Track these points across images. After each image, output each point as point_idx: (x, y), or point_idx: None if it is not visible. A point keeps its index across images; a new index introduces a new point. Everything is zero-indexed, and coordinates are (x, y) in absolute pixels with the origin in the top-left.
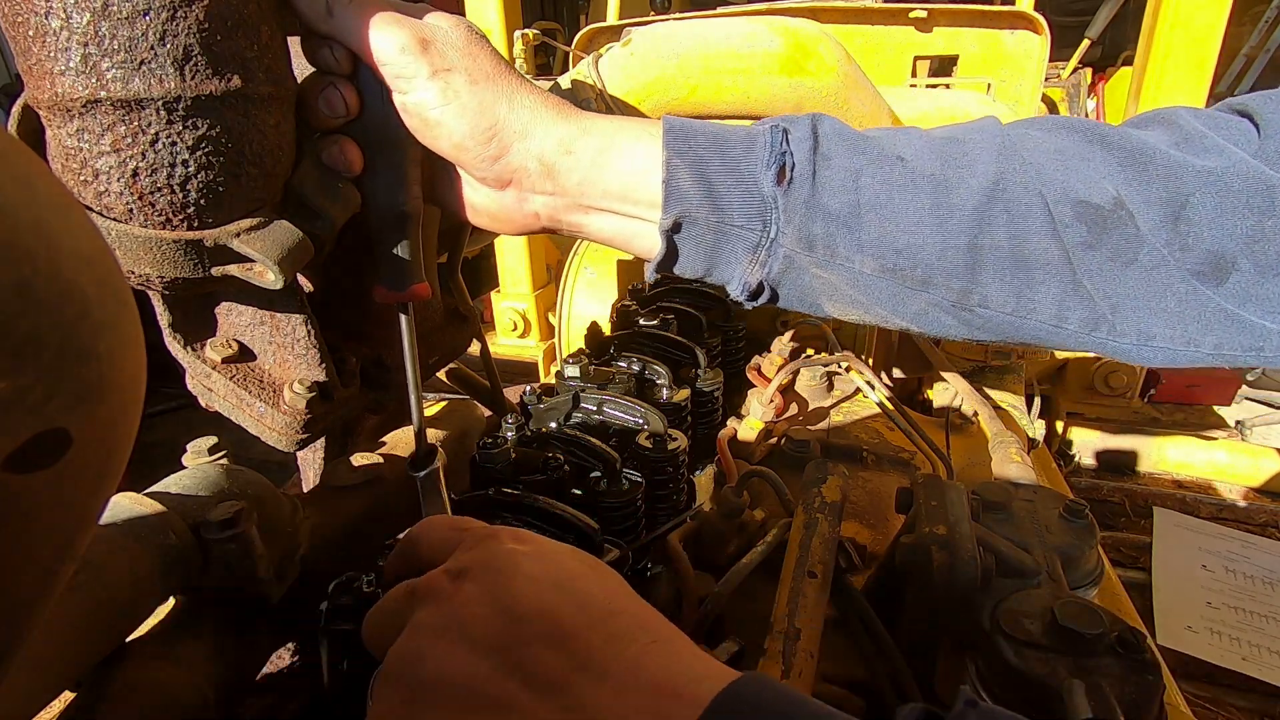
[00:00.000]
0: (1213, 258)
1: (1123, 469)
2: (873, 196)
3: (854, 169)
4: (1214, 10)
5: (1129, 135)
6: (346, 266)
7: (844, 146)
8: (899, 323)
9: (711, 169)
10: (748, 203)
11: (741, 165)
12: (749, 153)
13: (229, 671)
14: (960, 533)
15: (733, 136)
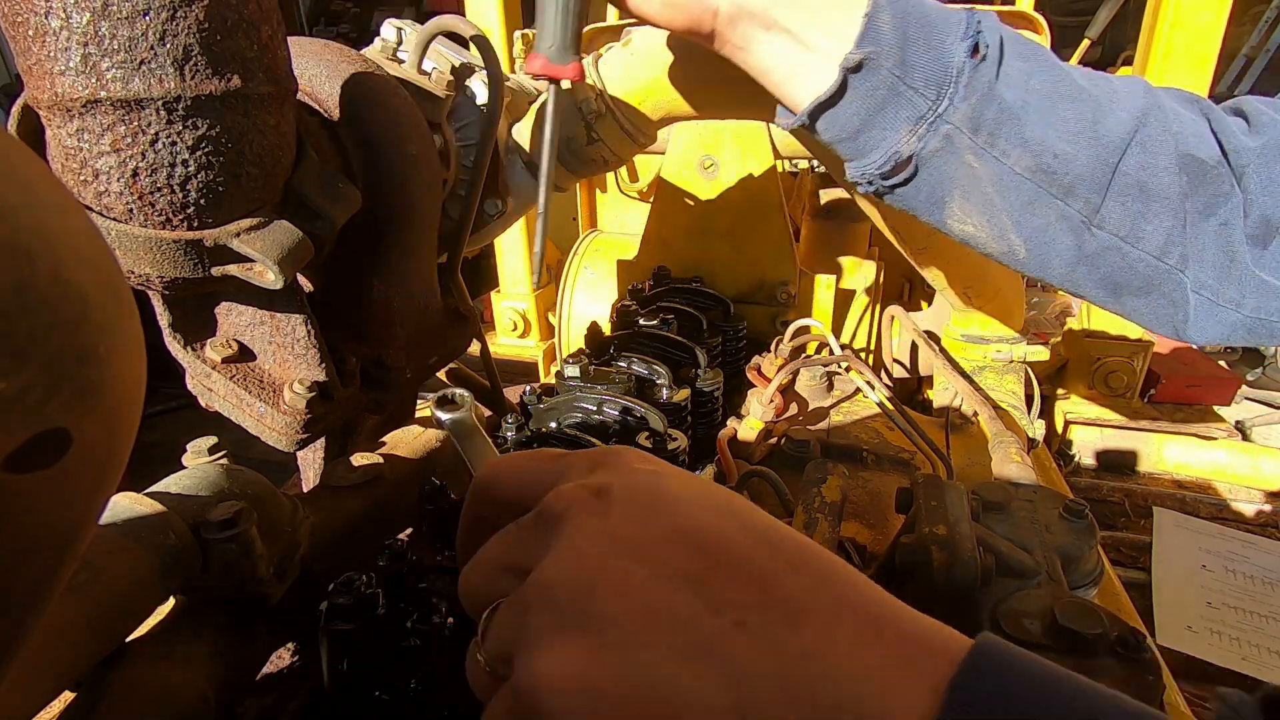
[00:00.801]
0: (1263, 222)
1: (1123, 469)
2: (1041, 99)
3: (1027, 69)
4: (1214, 10)
5: (1216, 110)
6: (346, 266)
7: (1019, 46)
8: (1013, 239)
9: (912, 22)
10: (932, 68)
11: (938, 29)
12: (945, 21)
13: (229, 671)
14: (960, 533)
15: (931, 2)
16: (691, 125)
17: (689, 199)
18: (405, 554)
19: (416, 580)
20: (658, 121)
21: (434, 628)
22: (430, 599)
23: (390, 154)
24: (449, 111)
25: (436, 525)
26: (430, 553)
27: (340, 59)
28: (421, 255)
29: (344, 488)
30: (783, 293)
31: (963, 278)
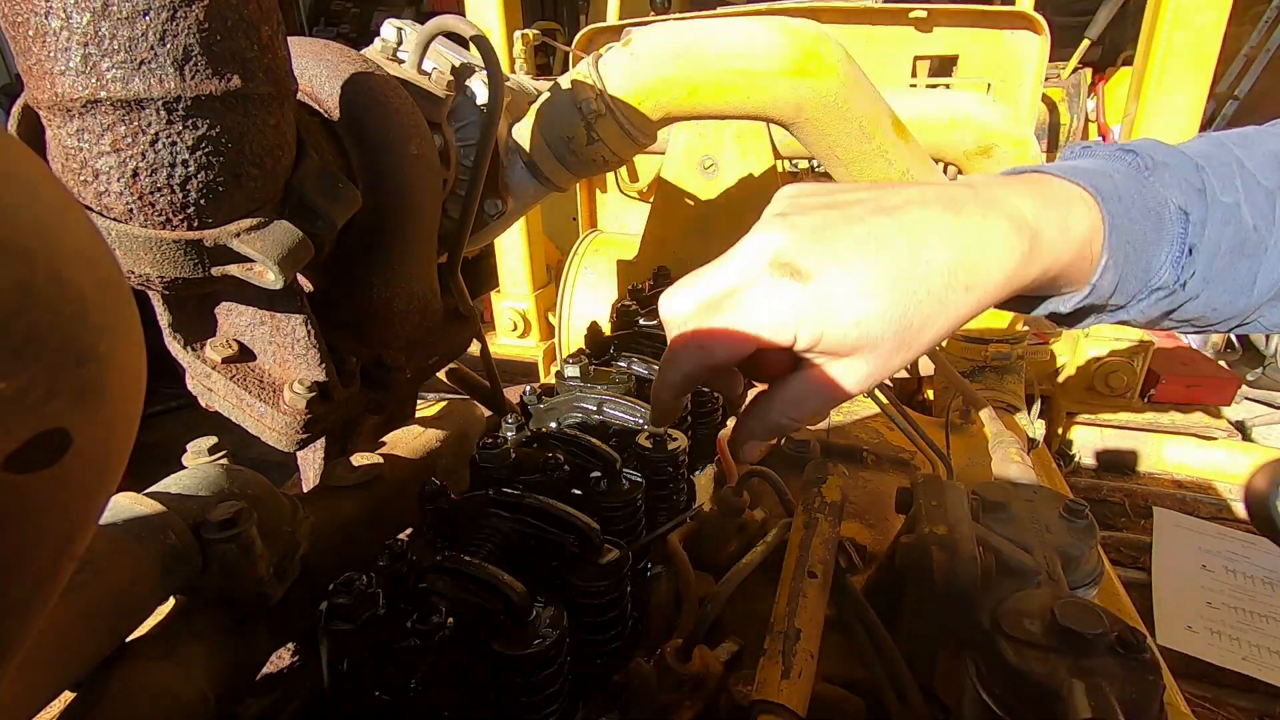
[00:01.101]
0: None
1: (1123, 469)
2: (1222, 267)
3: (1218, 238)
4: (1214, 10)
5: None
6: (346, 266)
7: (1221, 213)
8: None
9: (1130, 264)
10: (1137, 288)
11: (1147, 257)
12: (1159, 238)
13: (229, 671)
14: (960, 533)
15: (1149, 214)
16: (691, 125)
17: (689, 199)
18: (405, 554)
19: (416, 580)
20: (658, 121)
21: (434, 628)
22: (430, 599)
23: (390, 154)
24: (449, 111)
25: (436, 525)
26: (430, 553)
27: (340, 59)
28: (421, 255)
29: (344, 488)
30: None
31: None
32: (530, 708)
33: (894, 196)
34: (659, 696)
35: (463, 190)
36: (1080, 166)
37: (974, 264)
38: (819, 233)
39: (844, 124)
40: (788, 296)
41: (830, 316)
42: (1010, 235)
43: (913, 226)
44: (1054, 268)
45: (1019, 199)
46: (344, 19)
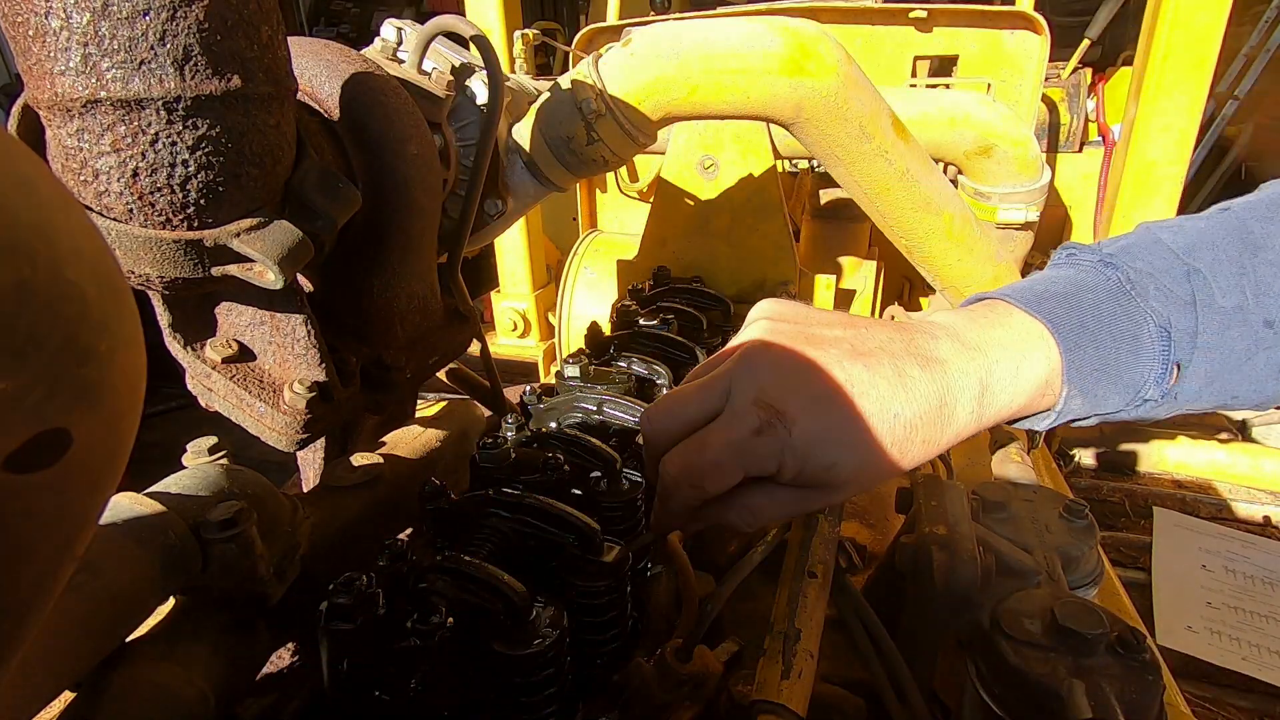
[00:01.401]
0: None
1: (1123, 469)
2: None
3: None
4: (1214, 10)
5: None
6: (346, 266)
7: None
8: None
9: (1101, 387)
10: (1121, 405)
11: (1126, 377)
12: (1135, 359)
13: (229, 671)
14: (960, 533)
15: (1120, 337)
16: (691, 125)
17: (689, 199)
18: (405, 554)
19: (416, 580)
20: (658, 121)
21: (434, 628)
22: (430, 599)
23: (390, 154)
24: (449, 111)
25: (436, 525)
26: (430, 553)
27: (340, 59)
28: (421, 255)
29: (344, 488)
30: (783, 292)
31: (954, 279)
32: (530, 708)
33: (868, 341)
34: (659, 696)
35: (463, 190)
36: (1051, 290)
37: (931, 423)
38: (800, 375)
39: (843, 124)
40: (774, 440)
41: (809, 460)
42: (964, 395)
43: (884, 380)
44: (1006, 411)
45: (972, 353)
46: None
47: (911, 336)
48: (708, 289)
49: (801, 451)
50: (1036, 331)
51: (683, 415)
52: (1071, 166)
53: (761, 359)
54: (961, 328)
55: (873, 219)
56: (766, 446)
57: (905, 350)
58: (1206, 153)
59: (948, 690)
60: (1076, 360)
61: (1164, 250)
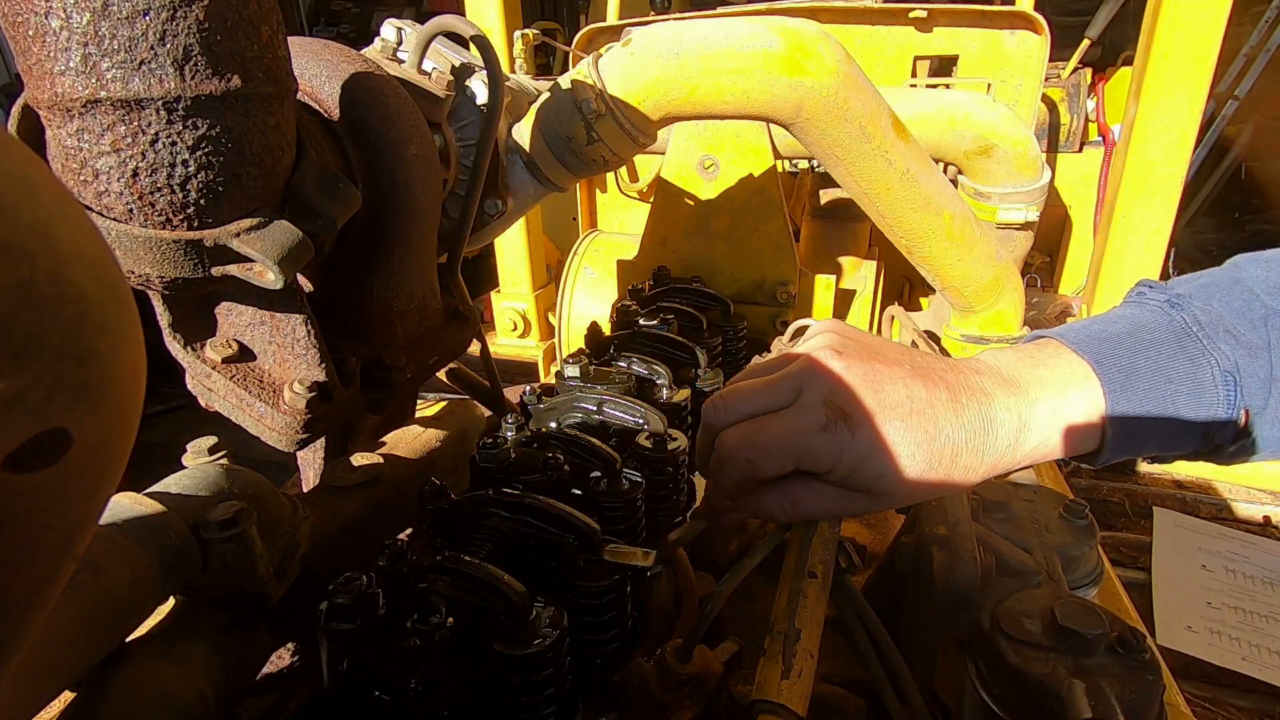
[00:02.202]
0: None
1: (1123, 469)
2: None
3: None
4: (1214, 10)
5: None
6: (346, 266)
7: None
8: None
9: (1158, 430)
10: (1190, 448)
11: (1186, 421)
12: (1195, 402)
13: (229, 671)
14: (960, 533)
15: (1177, 379)
16: (691, 125)
17: (689, 199)
18: (405, 554)
19: (416, 580)
20: (658, 121)
21: (434, 628)
22: (430, 599)
23: (390, 154)
24: (449, 111)
25: (436, 525)
26: (430, 553)
27: (340, 59)
28: (421, 255)
29: (344, 488)
30: (783, 293)
31: (954, 279)
32: (530, 708)
33: (926, 366)
34: (659, 696)
35: (463, 190)
36: (1108, 330)
37: (974, 450)
38: (869, 382)
39: (843, 124)
40: (836, 439)
41: (863, 464)
42: (1004, 429)
43: (940, 402)
44: (1044, 449)
45: (1014, 391)
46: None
47: (960, 368)
48: (708, 289)
49: (858, 456)
50: (1082, 372)
51: (750, 404)
52: (1071, 166)
53: (834, 365)
54: (1006, 366)
55: (873, 219)
56: (827, 444)
57: (957, 380)
58: (1206, 153)
59: (948, 690)
60: (1123, 403)
61: (1243, 290)
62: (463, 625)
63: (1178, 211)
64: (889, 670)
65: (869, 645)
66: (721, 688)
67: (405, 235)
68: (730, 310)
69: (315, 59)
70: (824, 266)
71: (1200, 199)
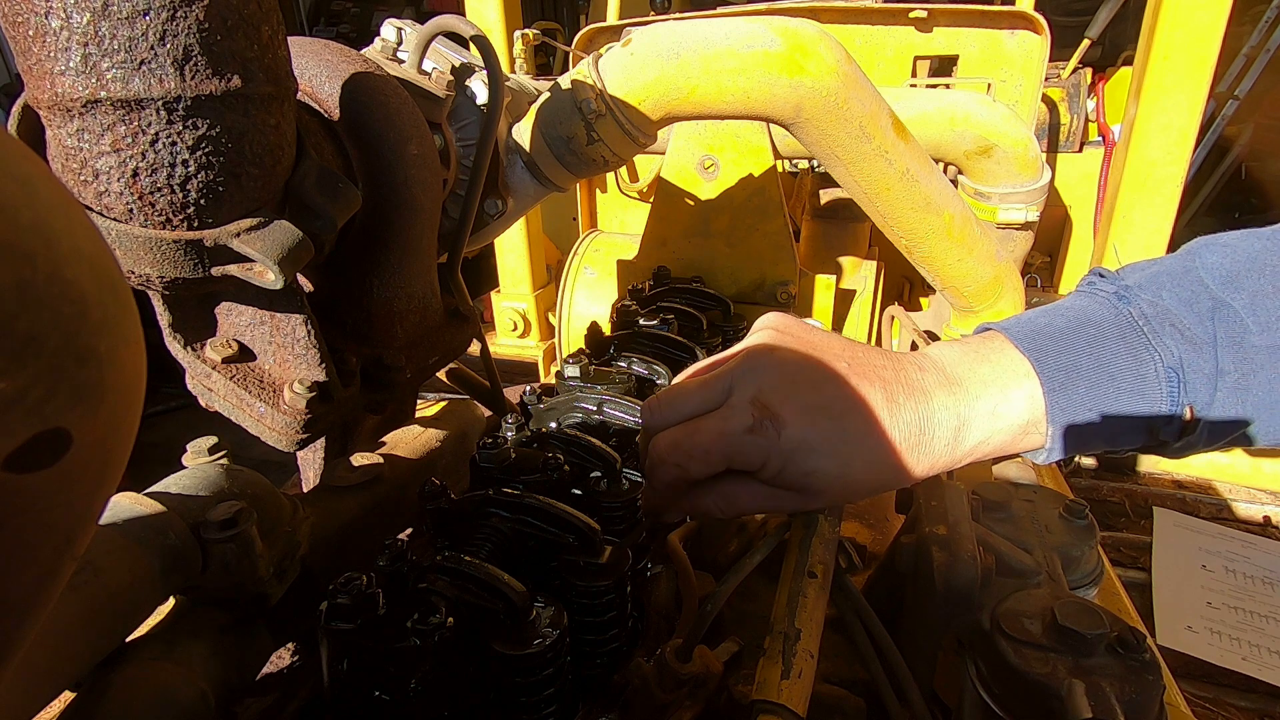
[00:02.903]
0: None
1: (1123, 469)
2: (1268, 405)
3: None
4: (1214, 10)
5: None
6: (346, 266)
7: (1236, 357)
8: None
9: (1099, 428)
10: (1138, 443)
11: (1129, 417)
12: (1138, 398)
13: (229, 671)
14: (960, 533)
15: (1119, 375)
16: (691, 125)
17: (689, 199)
18: (405, 554)
19: (416, 580)
20: (658, 121)
21: (434, 628)
22: (430, 599)
23: (390, 154)
24: (449, 111)
25: (436, 525)
26: (430, 553)
27: (340, 59)
28: (421, 255)
29: (344, 488)
30: (783, 293)
31: (954, 279)
32: (530, 708)
33: (864, 363)
34: (659, 696)
35: (463, 190)
36: (1053, 324)
37: (910, 449)
38: (799, 380)
39: (843, 124)
40: (764, 439)
41: (790, 463)
42: (941, 429)
43: (874, 401)
44: (985, 448)
45: (954, 389)
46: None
47: (902, 365)
48: (708, 289)
49: (785, 454)
50: (1023, 370)
51: (682, 407)
52: (1071, 166)
53: (765, 362)
54: (950, 362)
55: (873, 219)
56: (754, 444)
57: (895, 377)
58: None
59: (948, 690)
60: (1063, 401)
61: (1194, 281)
62: (463, 625)
63: (1178, 211)
64: (889, 670)
65: (869, 645)
66: (721, 688)
67: (405, 235)
68: (730, 310)
69: (315, 59)
70: (824, 266)
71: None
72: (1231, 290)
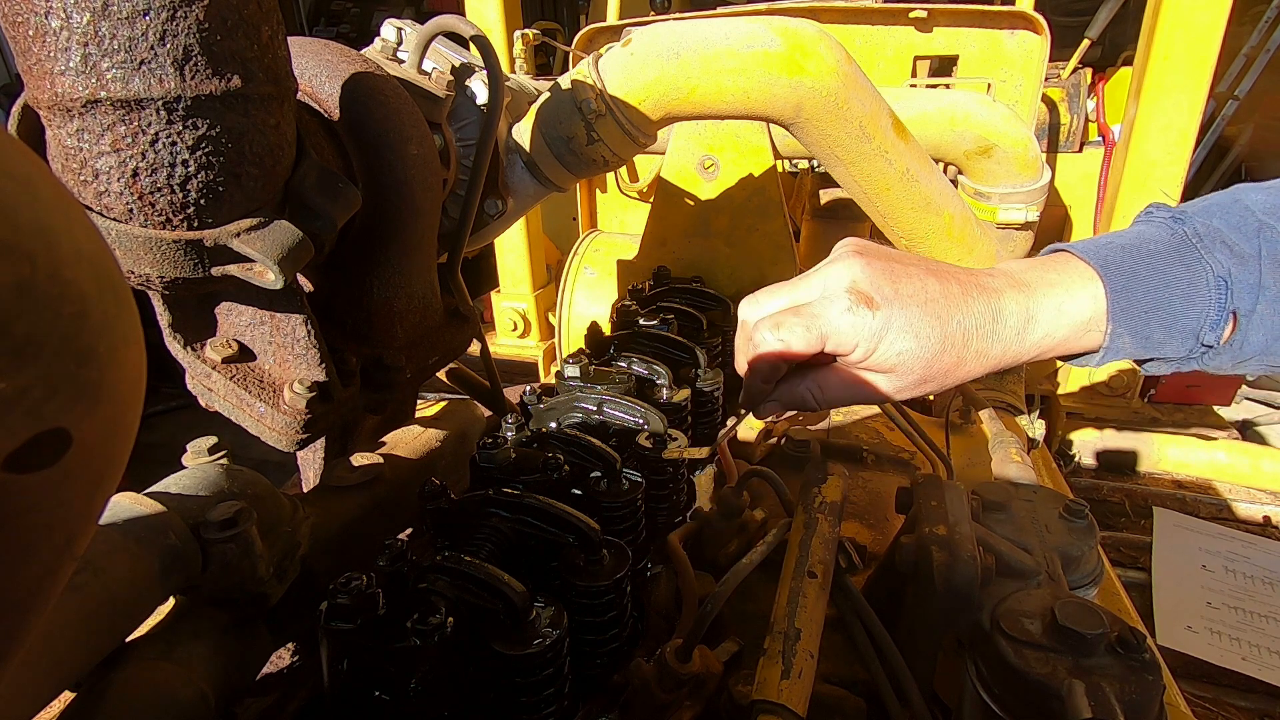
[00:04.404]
0: None
1: (1123, 469)
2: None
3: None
4: (1214, 10)
5: None
6: (346, 266)
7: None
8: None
9: (1154, 329)
10: (1183, 350)
11: (1181, 321)
12: (1189, 304)
13: (229, 671)
14: (960, 533)
15: (1174, 283)
16: (691, 125)
17: (689, 199)
18: (405, 554)
19: (416, 580)
20: (658, 121)
21: (434, 628)
22: (430, 599)
23: (390, 154)
24: (449, 111)
25: (436, 525)
26: (430, 553)
27: (340, 59)
28: (421, 255)
29: (344, 488)
30: None
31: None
32: (530, 708)
33: (941, 267)
34: (659, 696)
35: (463, 190)
36: (1115, 241)
37: (984, 335)
38: (888, 274)
39: (843, 124)
40: (859, 319)
41: (884, 343)
42: (1011, 319)
43: (952, 293)
44: (1049, 340)
45: (1023, 289)
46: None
47: (974, 270)
48: (708, 289)
49: (878, 334)
50: (1088, 275)
51: (781, 297)
52: (1071, 166)
53: (856, 262)
54: (1018, 270)
55: (873, 219)
56: (851, 324)
57: (969, 277)
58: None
59: (948, 690)
60: (1124, 302)
61: (1241, 209)
62: (463, 625)
63: None
64: (889, 670)
65: (869, 645)
66: (721, 688)
67: (405, 235)
68: (730, 310)
69: (315, 59)
70: None
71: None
72: (1275, 218)
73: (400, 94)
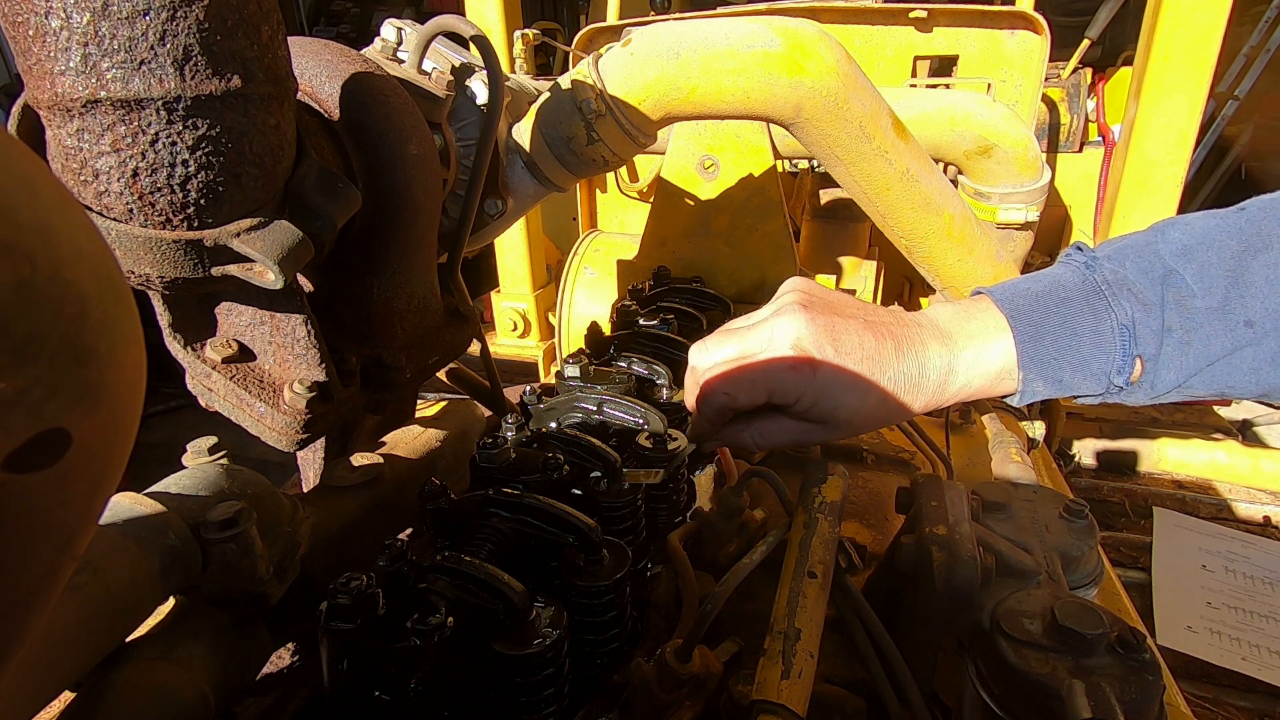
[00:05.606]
0: None
1: (1123, 469)
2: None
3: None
4: (1214, 10)
5: None
6: (346, 266)
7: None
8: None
9: (1064, 373)
10: (1099, 389)
11: (1091, 365)
12: (1097, 350)
13: (229, 671)
14: (960, 533)
15: (1081, 331)
16: (691, 125)
17: (689, 199)
18: (405, 554)
19: (416, 580)
20: (658, 121)
21: (434, 628)
22: (430, 599)
23: (390, 154)
24: (449, 111)
25: (436, 525)
26: (430, 553)
27: (340, 59)
28: (421, 255)
29: (344, 488)
30: None
31: (954, 279)
32: (530, 708)
33: (876, 320)
34: (659, 696)
35: (463, 190)
36: (1030, 288)
37: (910, 389)
38: (829, 331)
39: (843, 124)
40: (801, 377)
41: (823, 397)
42: (934, 373)
43: (885, 350)
44: (967, 390)
45: (946, 342)
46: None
47: (905, 321)
48: (708, 289)
49: (818, 390)
50: (1001, 325)
51: (730, 347)
52: (1071, 166)
53: (800, 317)
54: (943, 320)
55: (873, 219)
56: (794, 380)
57: (901, 332)
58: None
59: (948, 690)
60: (1032, 350)
61: (1152, 253)
62: (463, 625)
63: (1178, 211)
64: (889, 670)
65: (869, 645)
66: (721, 688)
67: (405, 235)
68: (730, 310)
69: (315, 59)
70: (824, 266)
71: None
72: (1183, 261)
73: (400, 94)
